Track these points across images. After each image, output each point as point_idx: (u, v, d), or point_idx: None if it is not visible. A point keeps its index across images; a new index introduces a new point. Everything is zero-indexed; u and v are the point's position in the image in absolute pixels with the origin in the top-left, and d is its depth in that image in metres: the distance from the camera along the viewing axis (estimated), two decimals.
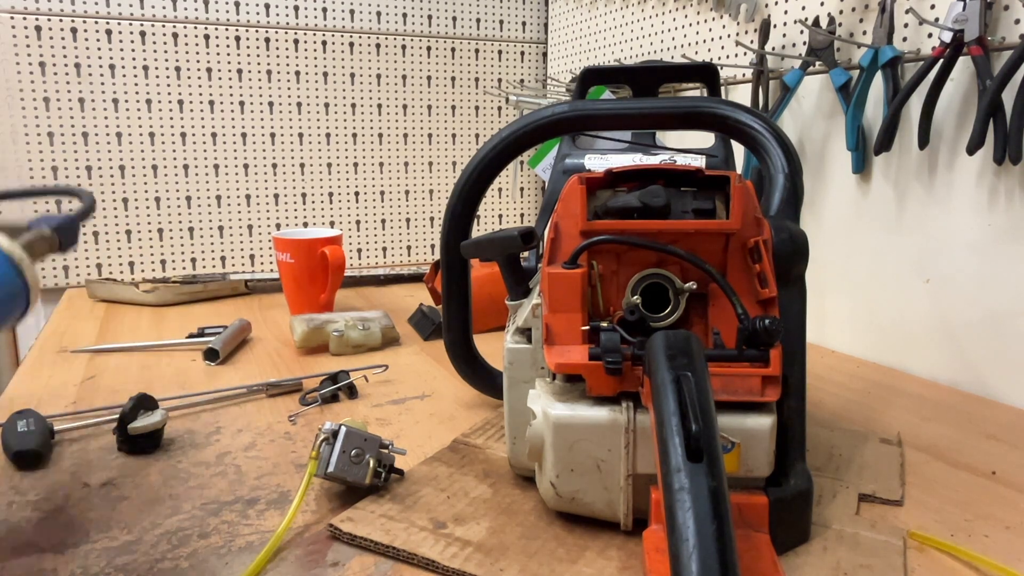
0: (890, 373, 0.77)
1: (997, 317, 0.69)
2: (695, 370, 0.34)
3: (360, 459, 0.46)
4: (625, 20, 1.20)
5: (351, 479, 0.46)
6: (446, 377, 0.73)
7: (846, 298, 0.85)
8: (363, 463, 0.46)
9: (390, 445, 0.49)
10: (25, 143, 1.15)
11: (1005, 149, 0.64)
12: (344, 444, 0.46)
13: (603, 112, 0.54)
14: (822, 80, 0.85)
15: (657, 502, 0.39)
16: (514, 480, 0.50)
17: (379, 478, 0.47)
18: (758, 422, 0.40)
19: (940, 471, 0.54)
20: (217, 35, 1.24)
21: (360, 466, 0.46)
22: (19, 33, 1.12)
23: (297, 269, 0.93)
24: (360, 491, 0.48)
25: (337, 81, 1.33)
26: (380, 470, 0.47)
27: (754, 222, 0.42)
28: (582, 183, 0.42)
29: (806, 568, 0.40)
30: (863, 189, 0.82)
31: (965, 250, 0.72)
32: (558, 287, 0.42)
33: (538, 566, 0.40)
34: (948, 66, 0.69)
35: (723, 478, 0.30)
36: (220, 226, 1.30)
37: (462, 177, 0.57)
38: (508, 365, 0.48)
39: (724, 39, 0.99)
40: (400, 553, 0.41)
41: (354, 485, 0.46)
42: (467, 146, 1.46)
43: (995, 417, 0.65)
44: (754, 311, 0.42)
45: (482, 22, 1.42)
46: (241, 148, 1.29)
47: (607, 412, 0.41)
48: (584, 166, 0.65)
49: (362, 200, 1.39)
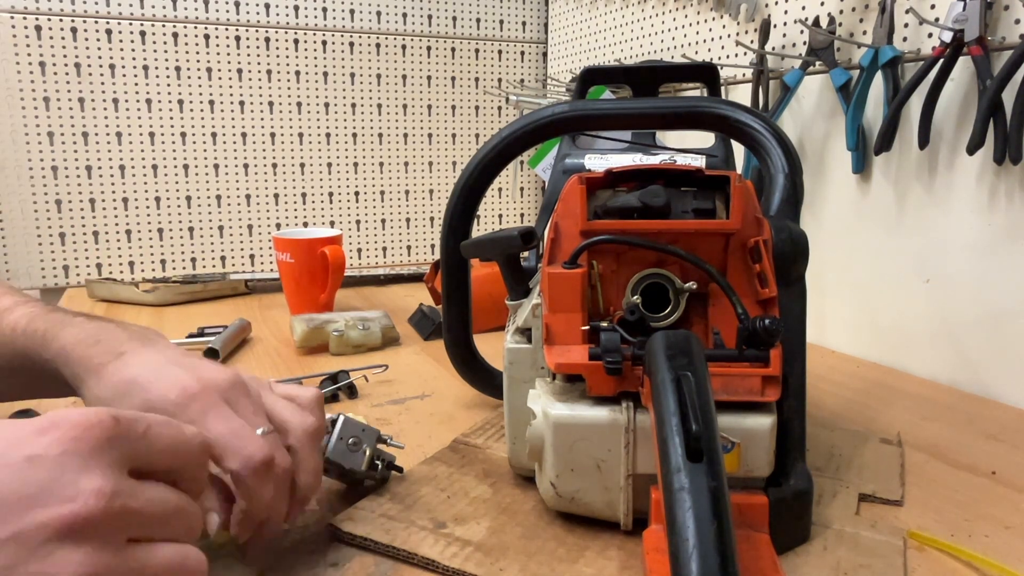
0: (890, 373, 0.77)
1: (997, 317, 0.69)
2: (695, 370, 0.34)
3: (357, 447, 0.46)
4: (625, 20, 1.20)
5: (348, 465, 0.46)
6: (446, 377, 0.73)
7: (846, 298, 0.85)
8: (360, 451, 0.46)
9: (388, 439, 0.49)
10: (25, 143, 1.15)
11: (1005, 149, 0.64)
12: (342, 431, 0.46)
13: (603, 112, 0.54)
14: (822, 80, 0.85)
15: (657, 502, 0.39)
16: (514, 480, 0.50)
17: (375, 469, 0.47)
18: (758, 422, 0.40)
19: (940, 471, 0.54)
20: (217, 35, 1.24)
21: (357, 454, 0.46)
22: (19, 33, 1.12)
23: (297, 269, 0.93)
24: (358, 483, 0.48)
25: (337, 81, 1.33)
26: (377, 461, 0.47)
27: (754, 222, 0.42)
28: (582, 183, 0.42)
29: (806, 568, 0.40)
30: (863, 189, 0.82)
31: (965, 250, 0.72)
32: (558, 287, 0.42)
33: (538, 566, 0.40)
34: (948, 66, 0.69)
35: (723, 478, 0.30)
36: (220, 226, 1.30)
37: (462, 177, 0.57)
38: (508, 365, 0.48)
39: (724, 39, 0.99)
40: (400, 553, 0.41)
41: (351, 473, 0.46)
42: (467, 146, 1.46)
43: (995, 417, 0.65)
44: (754, 311, 0.42)
45: (482, 22, 1.42)
46: (241, 148, 1.29)
47: (607, 412, 0.41)
48: (584, 166, 0.65)
49: (362, 200, 1.39)
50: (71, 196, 1.19)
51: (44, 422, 0.25)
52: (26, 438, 0.24)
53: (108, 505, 0.24)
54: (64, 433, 0.25)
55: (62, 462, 0.24)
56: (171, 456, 0.29)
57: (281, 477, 0.37)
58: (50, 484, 0.23)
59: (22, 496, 0.23)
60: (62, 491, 0.23)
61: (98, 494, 0.24)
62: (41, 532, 0.23)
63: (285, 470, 0.37)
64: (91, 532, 0.23)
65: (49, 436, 0.25)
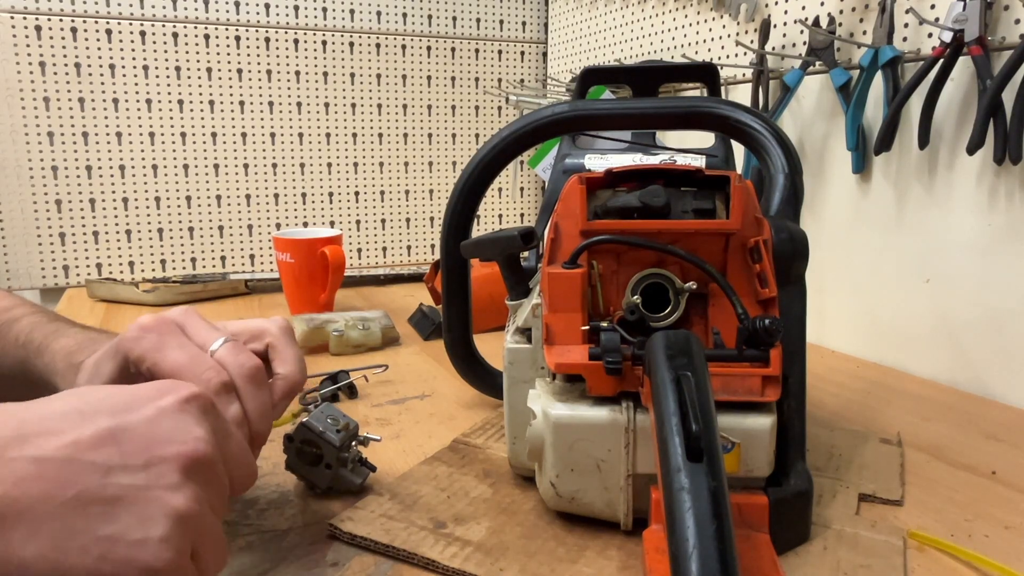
0: (890, 373, 0.77)
1: (997, 317, 0.69)
2: (695, 370, 0.34)
3: (334, 424, 0.47)
4: (625, 20, 1.20)
5: (327, 436, 0.46)
6: (446, 377, 0.73)
7: (846, 298, 0.85)
8: (334, 428, 0.47)
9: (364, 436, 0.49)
10: (25, 143, 1.15)
11: (1005, 149, 0.64)
12: (324, 410, 0.47)
13: (603, 112, 0.54)
14: (822, 80, 0.85)
15: (657, 502, 0.39)
16: (514, 480, 0.50)
17: (345, 451, 0.47)
18: (758, 422, 0.40)
19: (940, 471, 0.54)
20: (217, 35, 1.24)
21: (330, 431, 0.46)
22: (19, 33, 1.12)
23: (297, 269, 0.93)
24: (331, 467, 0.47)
25: (337, 81, 1.33)
26: (348, 446, 0.47)
27: (754, 222, 0.42)
28: (582, 183, 0.42)
29: (806, 568, 0.40)
30: (863, 189, 0.82)
31: (965, 250, 0.72)
32: (558, 287, 0.42)
33: (538, 566, 0.40)
34: (948, 66, 0.69)
35: (723, 478, 0.30)
36: (220, 226, 1.30)
37: (462, 177, 0.57)
38: (508, 365, 0.48)
39: (724, 39, 0.99)
40: (400, 553, 0.41)
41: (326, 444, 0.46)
42: (467, 146, 1.46)
43: (995, 417, 0.65)
44: (754, 311, 0.42)
45: (482, 22, 1.42)
46: (241, 148, 1.29)
47: (607, 412, 0.41)
48: (584, 166, 0.65)
49: (362, 200, 1.39)
50: (71, 196, 1.19)
51: (164, 385, 0.32)
52: (153, 396, 0.31)
53: (208, 454, 0.31)
54: (180, 395, 0.32)
55: (181, 416, 0.31)
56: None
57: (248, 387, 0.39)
58: (172, 431, 0.30)
59: (153, 438, 0.30)
60: (182, 436, 0.30)
61: (206, 442, 0.31)
62: (169, 463, 0.29)
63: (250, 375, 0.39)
64: (195, 471, 0.30)
65: (171, 396, 0.32)
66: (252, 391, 0.39)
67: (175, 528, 0.29)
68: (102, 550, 0.27)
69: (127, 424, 0.30)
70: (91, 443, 0.28)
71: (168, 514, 0.28)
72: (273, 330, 0.43)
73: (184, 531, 0.29)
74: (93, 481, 0.28)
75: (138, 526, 0.28)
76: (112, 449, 0.29)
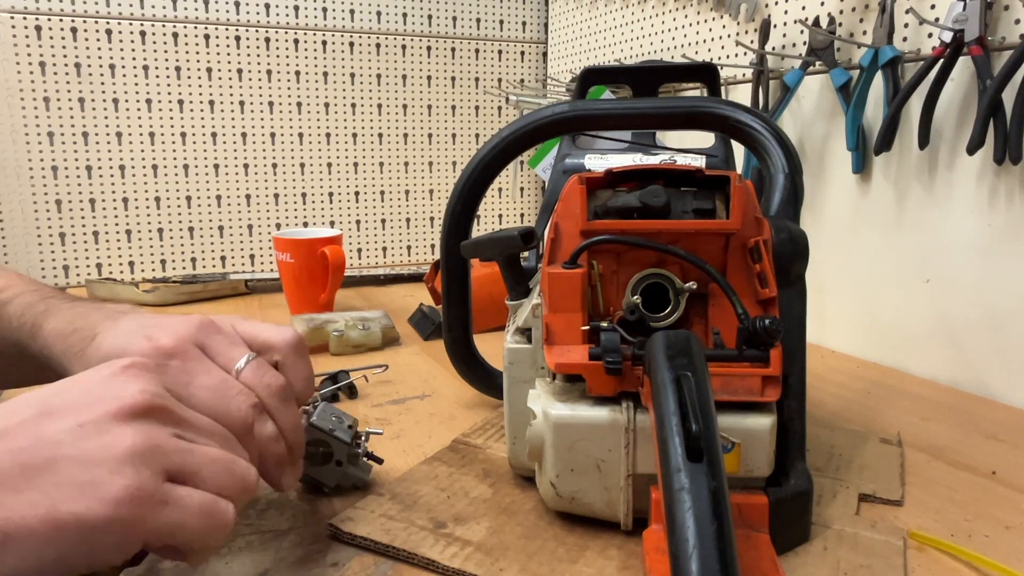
0: (890, 373, 0.77)
1: (997, 317, 0.69)
2: (695, 370, 0.34)
3: (340, 422, 0.47)
4: (625, 20, 1.20)
5: (337, 434, 0.46)
6: (446, 377, 0.73)
7: (846, 298, 0.85)
8: (343, 426, 0.47)
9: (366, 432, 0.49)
10: (25, 143, 1.15)
11: (1005, 149, 0.64)
12: (324, 410, 0.47)
13: (603, 112, 0.54)
14: (822, 80, 0.85)
15: (657, 502, 0.39)
16: (514, 480, 0.50)
17: (356, 447, 0.47)
18: (758, 422, 0.40)
19: (940, 471, 0.54)
20: (217, 35, 1.24)
21: (339, 428, 0.47)
22: (19, 33, 1.12)
23: (297, 269, 0.93)
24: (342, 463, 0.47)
25: (337, 81, 1.33)
26: (357, 442, 0.48)
27: (754, 222, 0.42)
28: (582, 183, 0.42)
29: (806, 568, 0.40)
30: (863, 189, 0.82)
31: (965, 250, 0.72)
32: (558, 287, 0.42)
33: (538, 566, 0.40)
34: (948, 66, 0.69)
35: (723, 478, 0.30)
36: (220, 226, 1.30)
37: (462, 177, 0.57)
38: (508, 365, 0.48)
39: (724, 39, 0.99)
40: (400, 553, 0.41)
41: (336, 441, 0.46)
42: (467, 146, 1.46)
43: (995, 417, 0.65)
44: (754, 311, 0.42)
45: (482, 22, 1.42)
46: (241, 148, 1.29)
47: (607, 412, 0.41)
48: (584, 166, 0.65)
49: (362, 200, 1.39)
50: (71, 196, 1.19)
51: (119, 361, 0.34)
52: (103, 368, 0.34)
53: (151, 400, 0.32)
54: (124, 361, 0.34)
55: (122, 377, 0.33)
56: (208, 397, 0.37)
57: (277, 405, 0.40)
58: (111, 389, 0.32)
59: (92, 398, 0.32)
60: (118, 392, 0.32)
61: (143, 392, 0.32)
62: (103, 417, 0.31)
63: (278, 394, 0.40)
64: (140, 416, 0.32)
65: (114, 364, 0.34)
66: (282, 408, 0.40)
67: (124, 461, 0.30)
68: (51, 499, 0.28)
69: (59, 403, 0.32)
70: (22, 424, 0.30)
71: (114, 454, 0.30)
72: (282, 346, 0.42)
73: (141, 461, 0.30)
74: (26, 451, 0.29)
75: (81, 470, 0.29)
76: (46, 423, 0.31)
